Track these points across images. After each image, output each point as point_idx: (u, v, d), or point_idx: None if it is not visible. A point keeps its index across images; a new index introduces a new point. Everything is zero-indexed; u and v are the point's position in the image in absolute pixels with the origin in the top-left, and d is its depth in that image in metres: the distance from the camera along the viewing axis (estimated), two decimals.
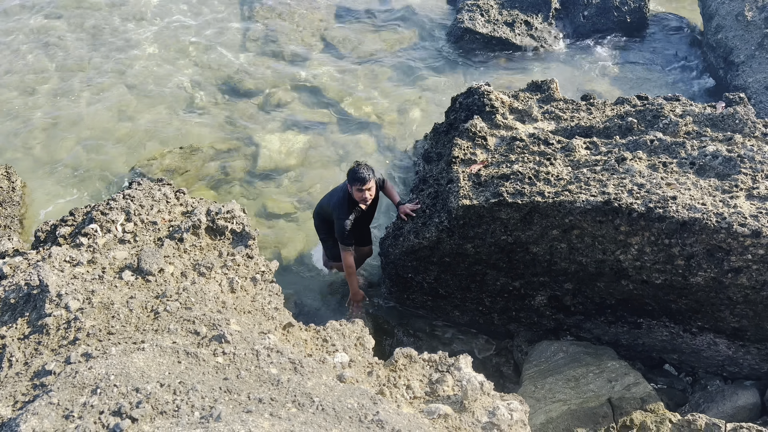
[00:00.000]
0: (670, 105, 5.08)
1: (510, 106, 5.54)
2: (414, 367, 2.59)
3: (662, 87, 8.15)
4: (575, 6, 9.02)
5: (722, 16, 7.96)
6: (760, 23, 7.54)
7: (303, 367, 2.47)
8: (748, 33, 7.59)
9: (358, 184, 4.91)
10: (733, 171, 4.33)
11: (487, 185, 4.83)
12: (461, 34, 8.63)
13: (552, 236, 4.58)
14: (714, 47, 7.97)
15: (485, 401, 2.38)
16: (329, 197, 5.40)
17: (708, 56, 8.15)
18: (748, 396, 4.66)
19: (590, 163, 4.71)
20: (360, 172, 4.92)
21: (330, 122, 7.95)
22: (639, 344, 5.07)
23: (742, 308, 4.34)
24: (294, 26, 9.45)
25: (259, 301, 3.06)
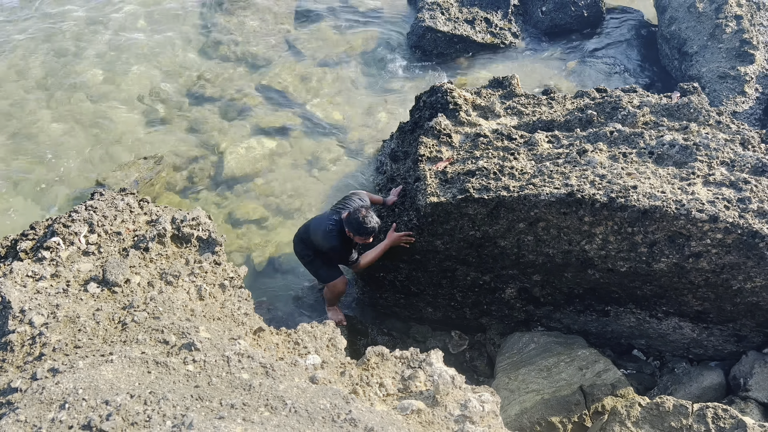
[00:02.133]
0: (627, 96, 5.20)
1: (473, 103, 5.61)
2: (386, 364, 2.61)
3: (620, 79, 8.33)
4: (533, 2, 9.16)
5: (675, 8, 8.19)
6: (711, 14, 7.77)
7: (275, 371, 2.47)
8: (700, 24, 7.81)
9: (364, 237, 4.66)
10: (689, 159, 4.46)
11: (453, 182, 4.88)
12: (423, 33, 8.69)
13: (519, 229, 4.65)
14: (668, 39, 8.19)
15: (457, 394, 2.41)
16: (316, 227, 5.01)
17: (663, 47, 8.36)
18: (714, 376, 4.81)
19: (553, 156, 4.79)
20: (367, 225, 4.57)
21: (296, 126, 7.92)
22: (608, 331, 5.18)
23: (703, 291, 4.48)
24: (256, 30, 9.38)
25: (228, 307, 3.04)
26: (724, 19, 7.61)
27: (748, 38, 7.42)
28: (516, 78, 5.82)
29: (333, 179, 7.20)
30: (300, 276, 6.29)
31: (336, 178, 7.21)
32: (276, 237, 6.64)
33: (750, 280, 4.26)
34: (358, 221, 4.58)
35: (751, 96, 7.12)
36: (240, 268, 3.59)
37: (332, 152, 7.50)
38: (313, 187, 7.12)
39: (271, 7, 9.85)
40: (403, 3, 9.80)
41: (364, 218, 4.58)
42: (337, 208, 5.02)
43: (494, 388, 4.77)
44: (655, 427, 3.88)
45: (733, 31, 7.53)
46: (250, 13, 9.69)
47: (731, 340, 4.83)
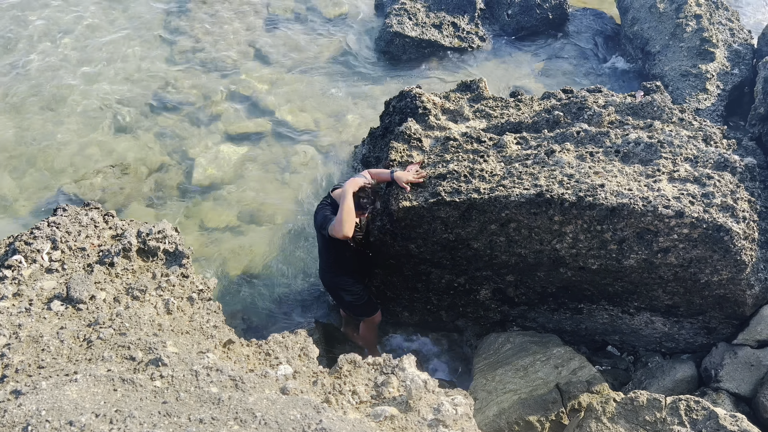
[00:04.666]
0: (593, 96, 5.28)
1: (442, 107, 5.63)
2: (359, 372, 2.59)
3: (585, 79, 8.46)
4: (499, 5, 9.26)
5: (636, 9, 8.35)
6: (671, 14, 7.95)
7: (244, 383, 2.43)
8: (661, 24, 7.98)
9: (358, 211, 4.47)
10: (654, 156, 4.54)
11: (425, 186, 4.89)
12: (391, 39, 8.71)
13: (491, 231, 4.68)
14: (631, 39, 8.34)
15: (430, 399, 2.41)
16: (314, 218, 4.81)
17: (626, 48, 8.52)
18: (686, 369, 4.89)
19: (522, 157, 4.84)
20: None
21: (266, 132, 7.86)
22: (582, 329, 5.24)
23: (673, 286, 4.56)
24: (223, 36, 9.30)
25: (197, 320, 2.99)
26: (684, 18, 7.78)
27: (707, 37, 7.60)
28: (483, 81, 5.87)
29: (305, 184, 7.17)
30: (275, 284, 6.24)
31: (308, 183, 7.18)
32: (249, 244, 6.58)
33: (717, 273, 4.34)
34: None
35: (713, 93, 7.29)
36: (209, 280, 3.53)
37: (303, 157, 7.46)
38: (284, 193, 7.07)
39: (237, 13, 9.77)
40: (370, 9, 9.82)
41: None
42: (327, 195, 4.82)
43: (472, 390, 4.79)
44: (630, 421, 3.92)
45: (693, 30, 7.71)
46: (216, 19, 9.60)
47: (701, 333, 4.92)
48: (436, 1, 9.10)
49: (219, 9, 9.80)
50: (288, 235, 6.68)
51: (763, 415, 4.33)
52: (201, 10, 9.79)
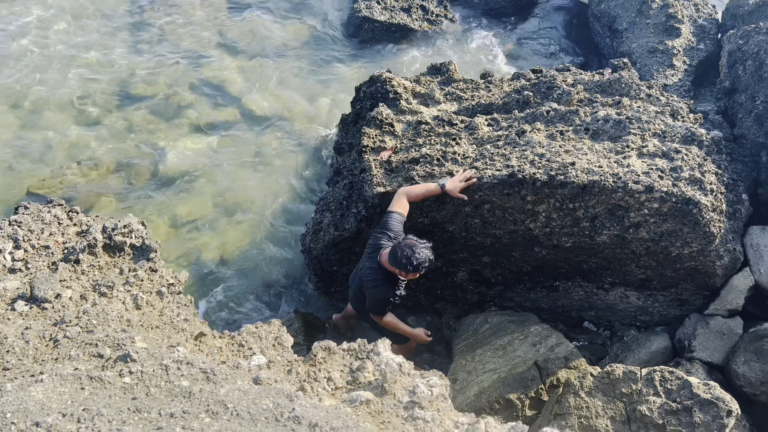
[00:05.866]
0: (562, 75, 5.30)
1: (413, 90, 5.61)
2: (334, 358, 2.59)
3: (555, 59, 8.49)
4: None
5: None
6: None
7: (216, 375, 2.41)
8: (628, 1, 8.03)
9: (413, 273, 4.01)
10: (623, 132, 4.58)
11: (398, 171, 4.88)
12: (360, 23, 8.63)
13: (465, 213, 4.69)
14: (599, 17, 8.38)
15: (405, 381, 2.42)
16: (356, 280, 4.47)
17: (594, 26, 8.56)
18: (660, 341, 4.99)
19: (493, 138, 4.85)
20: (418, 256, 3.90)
21: (236, 121, 7.75)
22: (558, 306, 5.30)
23: (645, 260, 4.63)
24: (188, 25, 9.11)
25: (167, 314, 2.94)
26: None
27: (673, 13, 7.67)
28: (453, 64, 5.85)
29: (278, 172, 7.10)
30: (252, 275, 6.19)
31: (280, 170, 7.11)
32: (223, 236, 6.51)
33: (687, 246, 4.42)
34: (407, 256, 3.92)
35: (680, 68, 7.37)
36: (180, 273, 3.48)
37: (275, 145, 7.38)
38: (258, 182, 7.00)
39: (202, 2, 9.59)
40: None
41: (414, 251, 3.92)
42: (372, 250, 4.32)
43: (452, 371, 4.83)
44: (608, 394, 3.99)
45: (659, 6, 7.77)
46: (180, 9, 9.41)
47: (674, 305, 5.01)
48: None
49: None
50: (263, 225, 6.62)
51: (736, 382, 4.45)
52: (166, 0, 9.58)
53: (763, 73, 5.55)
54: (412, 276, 4.09)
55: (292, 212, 6.77)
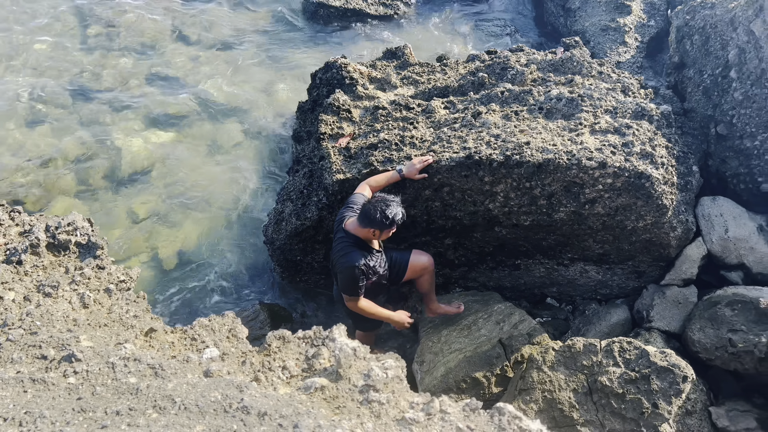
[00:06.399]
0: (515, 56, 5.34)
1: (369, 76, 5.58)
2: (289, 347, 2.59)
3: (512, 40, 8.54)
4: None
5: None
6: None
7: (164, 370, 2.39)
8: None
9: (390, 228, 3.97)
10: (576, 110, 4.65)
11: (357, 157, 4.87)
12: (315, 9, 8.55)
13: (425, 197, 4.72)
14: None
15: (360, 366, 2.43)
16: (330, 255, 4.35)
17: (548, 6, 8.64)
18: (620, 313, 5.12)
19: (450, 121, 4.87)
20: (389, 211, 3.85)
21: (193, 112, 7.62)
22: (521, 284, 5.39)
23: (602, 235, 4.73)
24: (139, 17, 8.88)
25: (116, 311, 2.90)
26: None
27: None
28: (409, 47, 5.84)
29: (238, 163, 7.01)
30: (215, 268, 6.13)
31: (240, 161, 7.03)
32: (183, 230, 6.42)
33: (642, 219, 4.53)
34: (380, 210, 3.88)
35: (632, 45, 7.50)
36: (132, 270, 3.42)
37: (234, 135, 7.29)
38: (217, 174, 6.91)
39: None
40: None
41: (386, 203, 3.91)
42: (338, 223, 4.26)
43: (419, 353, 4.88)
44: (569, 367, 4.09)
45: None
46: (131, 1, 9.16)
47: (632, 277, 5.15)
48: None
49: None
50: (225, 217, 6.55)
51: (692, 348, 4.59)
52: None
53: (709, 47, 5.69)
54: (386, 234, 4.04)
55: (253, 203, 6.71)
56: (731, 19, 5.45)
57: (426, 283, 4.59)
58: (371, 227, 3.96)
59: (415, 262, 4.50)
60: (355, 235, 4.07)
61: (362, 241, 4.08)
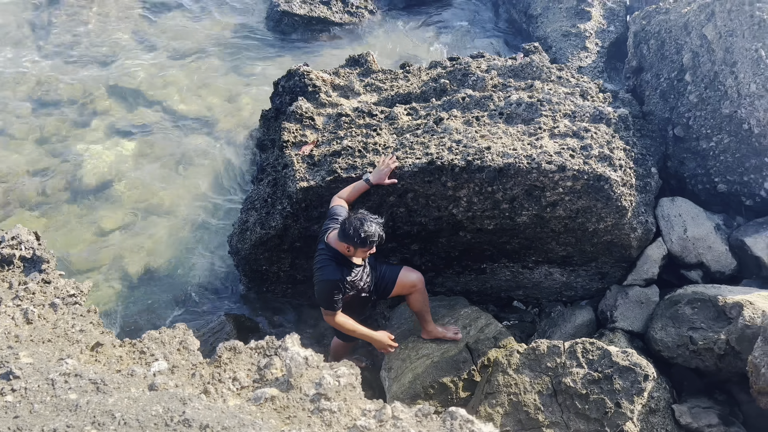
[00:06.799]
0: (476, 62, 5.39)
1: (332, 83, 5.58)
2: (240, 357, 2.56)
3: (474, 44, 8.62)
4: None
5: None
6: None
7: (106, 385, 2.34)
8: None
9: (367, 247, 3.90)
10: (535, 115, 4.71)
11: (321, 164, 4.86)
12: (279, 18, 8.52)
13: (390, 203, 4.72)
14: (514, 3, 8.58)
15: (312, 374, 2.41)
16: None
17: (512, 13, 8.76)
18: (584, 314, 5.18)
19: (412, 127, 4.89)
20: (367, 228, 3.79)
21: (157, 123, 7.52)
22: (488, 287, 5.42)
23: (564, 237, 4.78)
24: (101, 25, 8.75)
25: (61, 326, 2.82)
26: None
27: None
28: (371, 55, 5.86)
29: (202, 173, 6.94)
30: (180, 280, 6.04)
31: (205, 171, 6.95)
32: (148, 241, 6.32)
33: (602, 221, 4.59)
34: (355, 227, 3.82)
35: (593, 50, 7.64)
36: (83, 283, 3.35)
37: (198, 145, 7.21)
38: (181, 185, 6.82)
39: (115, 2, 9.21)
40: None
41: (363, 224, 3.82)
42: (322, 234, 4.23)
43: (386, 360, 4.86)
44: (534, 370, 4.12)
45: None
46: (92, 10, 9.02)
47: (596, 278, 5.21)
48: None
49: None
50: (190, 228, 6.46)
51: (654, 347, 4.66)
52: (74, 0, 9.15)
53: (665, 51, 5.82)
54: (362, 253, 3.96)
55: (219, 213, 6.64)
56: (685, 24, 5.59)
57: (417, 302, 4.50)
58: (346, 242, 3.90)
59: (403, 278, 4.45)
60: (335, 249, 4.01)
61: (341, 255, 4.01)
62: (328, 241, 4.07)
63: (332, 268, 3.98)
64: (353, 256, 4.02)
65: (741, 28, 4.91)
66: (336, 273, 3.97)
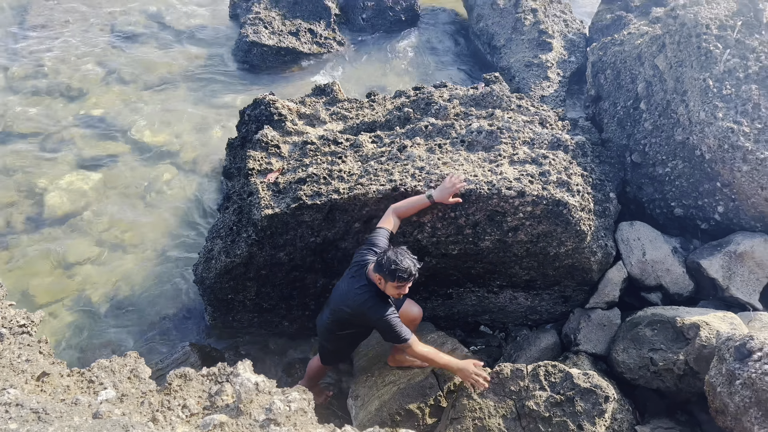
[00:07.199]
0: (438, 92, 5.53)
1: (298, 112, 5.65)
2: (191, 384, 2.54)
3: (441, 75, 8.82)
4: (354, 10, 9.45)
5: (480, 6, 8.85)
6: (511, 9, 8.49)
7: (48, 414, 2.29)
8: (503, 19, 8.50)
9: (401, 283, 3.84)
10: (496, 142, 4.83)
11: (286, 192, 4.88)
12: (248, 48, 8.62)
13: (356, 229, 4.76)
14: (479, 35, 8.82)
15: (262, 400, 2.41)
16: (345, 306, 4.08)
17: (475, 43, 9.00)
18: (549, 338, 5.24)
19: (377, 155, 4.96)
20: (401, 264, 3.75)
21: (124, 154, 7.48)
22: (455, 313, 5.46)
23: (527, 261, 4.86)
24: (68, 57, 8.73)
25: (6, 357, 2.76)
26: (523, 13, 8.35)
27: (544, 29, 8.20)
28: (337, 84, 5.96)
29: (169, 204, 6.90)
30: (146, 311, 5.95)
31: (173, 202, 6.91)
32: (114, 273, 6.23)
33: (562, 245, 4.69)
34: (389, 258, 3.78)
35: (554, 80, 7.87)
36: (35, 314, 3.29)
37: (166, 176, 7.18)
38: (148, 215, 6.77)
39: (82, 33, 9.23)
40: (225, 18, 9.64)
41: (397, 256, 3.79)
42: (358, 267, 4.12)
43: (353, 388, 4.84)
44: (498, 393, 4.14)
45: (532, 23, 8.29)
46: (58, 41, 9.01)
47: (560, 302, 5.29)
48: (291, 9, 9.12)
49: (60, 30, 9.21)
50: (156, 259, 6.40)
51: (617, 369, 4.73)
52: (40, 31, 9.14)
53: (621, 80, 6.04)
54: (392, 288, 3.88)
55: (186, 243, 6.59)
56: (638, 55, 5.82)
57: None
58: (378, 273, 3.87)
59: (405, 310, 4.44)
60: (374, 283, 3.95)
61: (381, 292, 3.97)
62: (369, 276, 3.97)
63: (384, 302, 3.95)
64: (383, 289, 3.95)
65: (689, 58, 5.13)
66: (388, 304, 3.95)
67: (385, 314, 3.89)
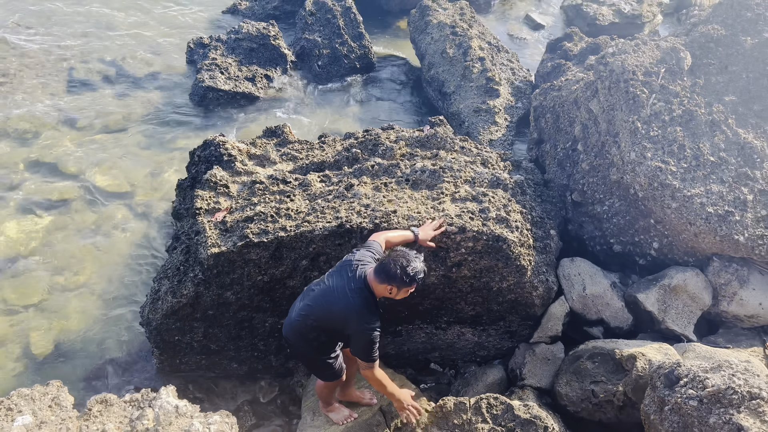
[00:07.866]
0: (386, 133, 5.71)
1: (248, 152, 5.74)
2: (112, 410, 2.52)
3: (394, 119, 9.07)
4: (309, 57, 9.71)
5: (431, 55, 9.21)
6: (460, 58, 8.87)
7: None
8: (453, 67, 8.86)
9: (409, 286, 3.76)
10: (438, 181, 5.00)
11: (233, 230, 4.92)
12: (204, 93, 8.74)
13: (303, 267, 4.81)
14: (430, 82, 9.16)
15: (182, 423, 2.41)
16: (329, 303, 3.86)
17: (427, 90, 9.33)
18: (495, 373, 5.30)
19: (324, 193, 5.07)
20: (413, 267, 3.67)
21: (74, 199, 7.41)
22: (405, 350, 5.49)
23: (472, 297, 4.97)
24: (20, 102, 8.70)
25: None
26: (471, 61, 8.72)
27: (491, 76, 8.57)
28: (288, 126, 6.10)
29: (121, 247, 6.83)
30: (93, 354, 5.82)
31: (124, 245, 6.85)
32: (59, 318, 6.09)
33: (504, 280, 4.82)
34: (401, 266, 3.64)
35: (502, 125, 8.19)
36: None
37: (117, 219, 7.13)
38: (99, 259, 6.68)
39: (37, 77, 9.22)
40: (182, 64, 9.78)
41: (407, 259, 3.66)
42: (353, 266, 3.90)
43: (301, 428, 4.78)
44: (442, 428, 4.17)
45: (479, 71, 8.66)
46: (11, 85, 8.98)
47: (506, 337, 5.39)
48: (247, 56, 9.32)
49: (14, 73, 9.19)
50: (103, 303, 6.29)
51: (560, 402, 4.82)
52: None
53: (560, 124, 6.34)
54: (405, 293, 3.77)
55: (136, 286, 6.51)
56: (575, 100, 6.14)
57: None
58: (389, 283, 3.69)
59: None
60: (374, 292, 3.79)
61: (376, 299, 3.81)
62: (370, 281, 3.78)
63: (374, 313, 3.76)
64: (395, 297, 3.82)
65: (619, 102, 5.45)
66: (378, 321, 3.76)
67: (372, 326, 3.72)
